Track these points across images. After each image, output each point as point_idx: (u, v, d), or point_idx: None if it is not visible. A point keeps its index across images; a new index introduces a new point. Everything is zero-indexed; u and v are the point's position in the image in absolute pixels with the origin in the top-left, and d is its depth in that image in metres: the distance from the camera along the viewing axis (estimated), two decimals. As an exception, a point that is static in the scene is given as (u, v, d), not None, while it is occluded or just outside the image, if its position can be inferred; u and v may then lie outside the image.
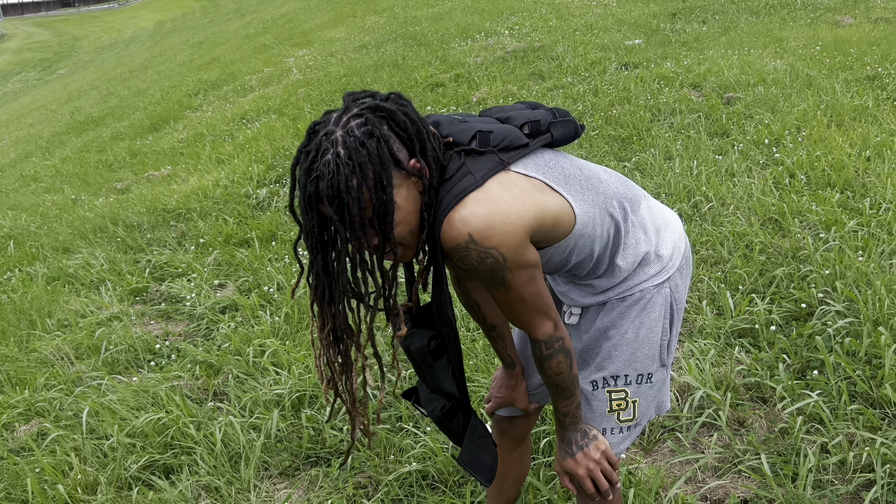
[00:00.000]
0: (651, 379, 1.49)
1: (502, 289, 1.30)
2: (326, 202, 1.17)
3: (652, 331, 1.46)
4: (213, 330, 3.41)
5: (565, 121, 1.38)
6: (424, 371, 1.45)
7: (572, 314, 1.55)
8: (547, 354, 1.37)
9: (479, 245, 1.23)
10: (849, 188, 3.69)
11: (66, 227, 5.28)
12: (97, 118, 11.21)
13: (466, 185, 1.25)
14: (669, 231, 1.51)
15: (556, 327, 1.37)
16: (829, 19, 7.85)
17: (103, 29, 39.57)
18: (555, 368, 1.38)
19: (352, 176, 1.17)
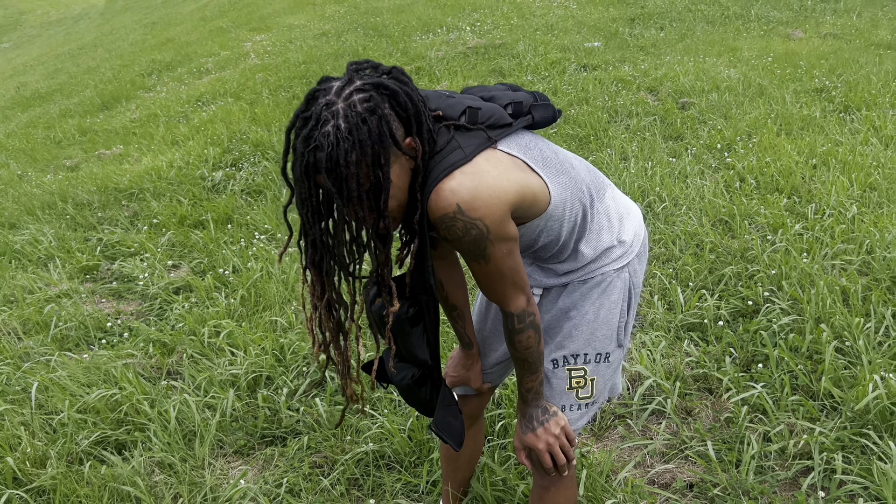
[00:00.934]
0: (609, 359, 1.55)
1: (482, 261, 1.33)
2: (325, 174, 1.18)
3: (611, 312, 1.52)
4: (167, 310, 3.36)
5: (545, 105, 1.43)
6: (399, 339, 1.46)
7: (534, 294, 1.59)
8: (518, 328, 1.41)
9: (465, 216, 1.26)
10: (795, 193, 3.83)
11: (12, 202, 5.13)
12: (44, 94, 10.87)
13: (456, 159, 1.28)
14: (630, 219, 1.58)
15: (528, 302, 1.41)
16: (781, 32, 8.09)
17: (50, 4, 38.27)
18: (524, 343, 1.42)
19: (351, 151, 1.18)
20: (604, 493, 2.01)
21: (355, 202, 1.21)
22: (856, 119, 4.95)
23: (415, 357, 1.49)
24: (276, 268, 3.53)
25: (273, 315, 3.12)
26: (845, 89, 5.57)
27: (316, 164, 1.19)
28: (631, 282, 1.55)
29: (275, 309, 3.19)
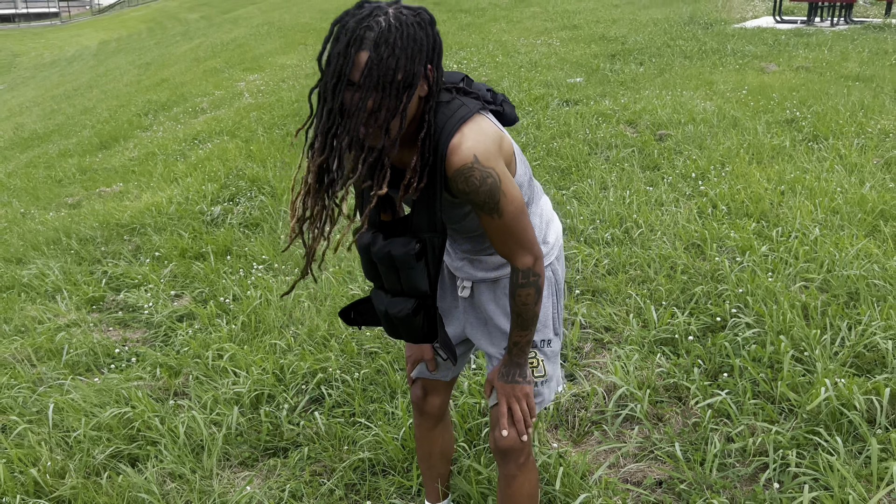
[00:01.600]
0: (551, 344, 1.78)
1: (495, 215, 1.49)
2: (371, 50, 1.31)
3: (544, 305, 1.75)
4: (172, 336, 3.55)
5: (511, 105, 1.67)
6: (401, 273, 1.58)
7: (464, 287, 1.80)
8: (521, 283, 1.58)
9: (482, 165, 1.42)
10: (764, 218, 4.07)
11: (18, 238, 5.33)
12: (42, 135, 11.12)
13: (463, 115, 1.46)
14: (554, 224, 1.82)
15: (535, 262, 1.58)
16: (755, 66, 8.43)
17: (44, 46, 38.80)
18: (523, 298, 1.59)
19: (398, 39, 1.32)
20: (580, 490, 2.20)
21: (385, 86, 1.33)
22: (823, 148, 5.22)
23: (415, 289, 1.60)
24: (274, 295, 3.73)
25: (273, 338, 3.31)
26: (814, 120, 5.86)
27: (363, 39, 1.32)
28: (555, 278, 1.78)
29: (274, 333, 3.38)
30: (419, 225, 1.55)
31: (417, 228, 1.55)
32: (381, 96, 1.34)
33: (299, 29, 17.48)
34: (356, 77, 1.34)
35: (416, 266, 1.57)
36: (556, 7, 14.71)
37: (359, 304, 1.79)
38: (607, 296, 3.45)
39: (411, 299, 1.62)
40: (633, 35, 10.75)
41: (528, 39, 11.42)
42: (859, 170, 4.65)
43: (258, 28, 20.08)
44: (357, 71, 1.33)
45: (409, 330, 1.67)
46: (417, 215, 1.54)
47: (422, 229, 1.55)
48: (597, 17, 12.86)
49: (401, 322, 1.65)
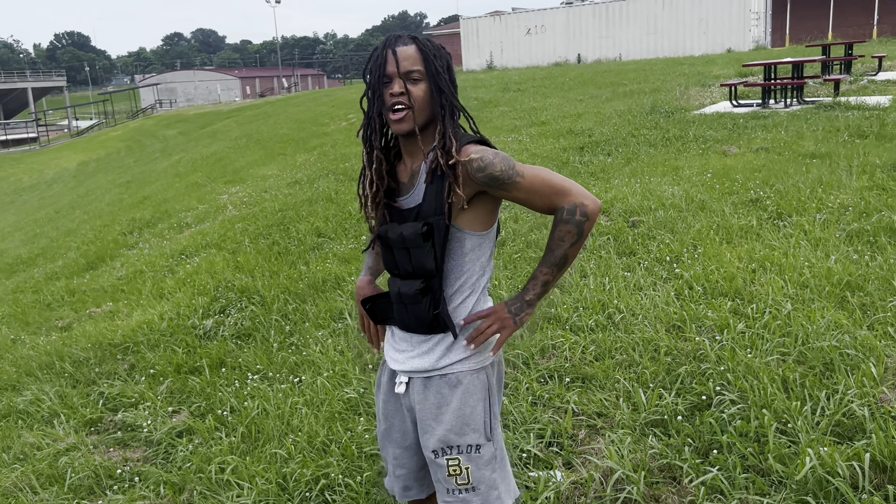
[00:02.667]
0: (479, 450, 1.84)
1: (519, 177, 1.75)
2: (419, 45, 1.75)
3: (473, 406, 1.85)
4: (172, 453, 3.59)
5: None
6: (411, 253, 1.81)
7: (401, 383, 1.93)
8: (565, 219, 1.76)
9: (488, 151, 1.76)
10: (738, 296, 4.26)
11: (10, 365, 5.37)
12: (27, 259, 11.23)
13: (471, 137, 1.82)
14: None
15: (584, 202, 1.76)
16: (717, 149, 8.84)
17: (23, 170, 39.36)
18: (563, 234, 1.77)
19: (439, 47, 1.80)
20: (586, 577, 2.26)
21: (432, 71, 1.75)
22: (788, 224, 5.48)
23: (423, 267, 1.81)
24: (270, 404, 3.80)
25: (273, 447, 3.37)
26: (777, 198, 6.15)
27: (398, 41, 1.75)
28: (489, 382, 1.89)
29: (274, 442, 3.44)
30: (427, 211, 1.79)
31: (426, 214, 1.79)
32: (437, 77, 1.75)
33: (278, 140, 18.01)
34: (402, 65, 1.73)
35: (423, 245, 1.79)
36: (522, 105, 15.35)
37: (378, 297, 1.98)
38: (597, 381, 3.56)
39: (419, 279, 1.82)
40: (598, 127, 11.23)
41: (498, 137, 11.88)
42: (823, 244, 4.89)
43: (237, 141, 20.65)
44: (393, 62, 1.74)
45: (416, 312, 1.85)
46: (427, 204, 1.79)
47: (429, 214, 1.79)
48: (563, 113, 13.43)
49: (410, 300, 1.84)
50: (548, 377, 3.69)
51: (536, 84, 19.06)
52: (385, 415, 2.01)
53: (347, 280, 5.76)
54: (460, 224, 1.81)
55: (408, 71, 1.74)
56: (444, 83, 1.77)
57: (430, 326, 1.85)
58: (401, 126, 1.76)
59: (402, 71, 1.73)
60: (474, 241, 1.84)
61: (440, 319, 1.84)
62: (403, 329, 1.92)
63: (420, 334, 1.88)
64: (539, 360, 3.88)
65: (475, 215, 1.81)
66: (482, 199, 1.80)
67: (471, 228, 1.82)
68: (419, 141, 1.78)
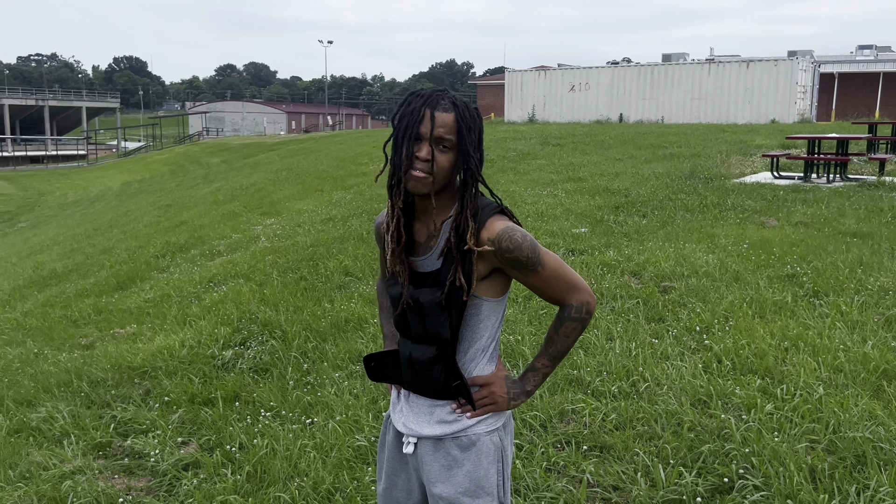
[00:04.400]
0: None
1: (540, 267, 1.73)
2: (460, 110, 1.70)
3: (487, 470, 1.79)
4: (176, 486, 3.53)
5: None
6: (426, 320, 1.77)
7: (409, 443, 1.86)
8: (574, 317, 1.78)
9: (519, 228, 1.72)
10: (768, 375, 4.11)
11: (29, 380, 5.38)
12: (61, 274, 11.40)
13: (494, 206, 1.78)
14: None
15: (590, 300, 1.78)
16: (755, 220, 8.71)
17: (69, 186, 40.41)
18: (568, 330, 1.78)
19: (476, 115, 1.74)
20: None
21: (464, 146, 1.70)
22: (824, 304, 5.33)
23: (438, 335, 1.77)
24: (280, 444, 3.74)
25: (277, 491, 3.30)
26: (815, 275, 6.01)
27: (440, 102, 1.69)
28: (502, 444, 1.83)
29: (279, 485, 3.37)
30: (445, 279, 1.75)
31: (443, 281, 1.75)
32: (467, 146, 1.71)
33: (316, 175, 18.23)
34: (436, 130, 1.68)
35: (441, 314, 1.75)
36: (561, 160, 15.37)
37: (382, 356, 1.93)
38: (615, 452, 3.44)
39: (433, 346, 1.78)
40: (635, 188, 11.17)
41: (534, 190, 11.88)
42: (861, 327, 4.73)
43: (277, 174, 20.96)
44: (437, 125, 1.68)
45: (427, 378, 1.81)
46: (445, 270, 1.75)
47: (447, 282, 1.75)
48: (600, 171, 13.41)
49: (422, 367, 1.80)
50: (564, 443, 3.57)
51: (576, 140, 19.11)
52: (388, 473, 1.95)
53: (370, 321, 5.72)
54: (477, 291, 1.77)
55: (440, 137, 1.69)
56: (472, 161, 1.72)
57: (440, 393, 1.81)
58: (417, 186, 1.71)
59: (434, 136, 1.69)
60: (490, 307, 1.81)
61: (459, 390, 1.80)
62: (410, 390, 1.87)
63: (430, 398, 1.84)
64: (557, 423, 3.77)
65: (492, 283, 1.79)
66: (499, 272, 1.79)
67: (487, 295, 1.79)
68: (433, 204, 1.75)
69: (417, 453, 1.86)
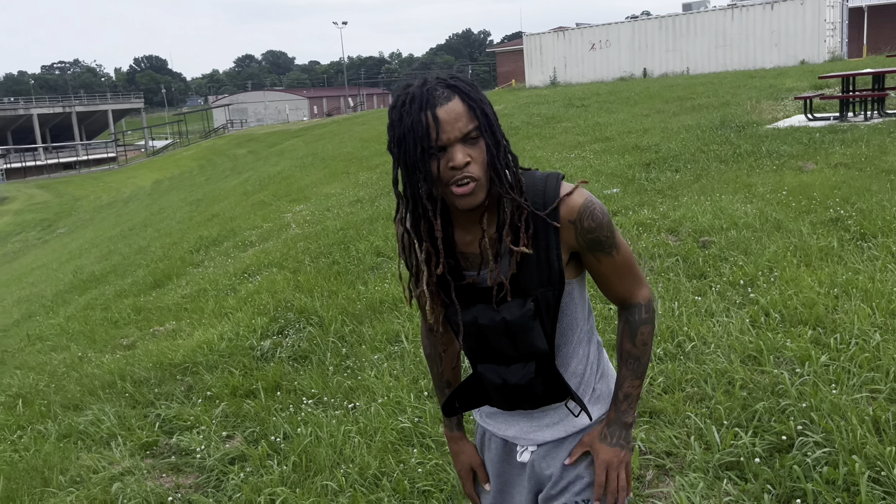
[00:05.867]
0: None
1: (614, 250, 1.52)
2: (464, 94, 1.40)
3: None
4: (223, 481, 3.52)
5: None
6: (517, 338, 1.53)
7: (527, 450, 1.67)
8: (645, 318, 1.57)
9: (596, 203, 1.49)
10: (820, 325, 3.96)
11: (75, 384, 5.44)
12: (100, 276, 11.55)
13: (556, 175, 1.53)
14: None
15: (652, 294, 1.59)
16: (792, 165, 8.43)
17: (102, 189, 41.00)
18: (644, 337, 1.57)
19: (478, 88, 1.44)
20: None
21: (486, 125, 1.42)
22: (873, 246, 5.12)
23: (534, 350, 1.54)
24: (323, 431, 3.70)
25: (324, 479, 3.26)
26: (860, 217, 5.78)
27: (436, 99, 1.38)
28: None
29: (325, 473, 3.33)
30: (528, 283, 1.52)
31: (527, 287, 1.52)
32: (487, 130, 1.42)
33: (342, 158, 18.18)
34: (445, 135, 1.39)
35: (534, 326, 1.52)
36: (586, 121, 15.09)
37: (457, 392, 1.71)
38: (665, 417, 3.34)
39: (531, 362, 1.56)
40: (665, 143, 10.91)
41: (561, 154, 11.67)
42: (914, 267, 4.53)
43: (303, 160, 20.96)
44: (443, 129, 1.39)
45: (530, 395, 1.59)
46: (525, 275, 1.51)
47: (532, 286, 1.52)
48: (628, 128, 13.13)
49: (522, 389, 1.58)
50: (612, 410, 3.48)
51: (601, 99, 18.76)
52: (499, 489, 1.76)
53: (404, 301, 5.65)
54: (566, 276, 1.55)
55: (465, 133, 1.40)
56: (500, 133, 1.46)
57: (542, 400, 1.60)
58: (471, 200, 1.43)
59: (461, 135, 1.40)
60: (579, 288, 1.61)
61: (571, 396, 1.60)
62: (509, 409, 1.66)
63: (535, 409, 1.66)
64: (603, 391, 3.67)
65: (573, 263, 1.57)
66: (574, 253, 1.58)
67: (573, 276, 1.57)
68: (485, 208, 1.50)
69: (533, 460, 1.67)
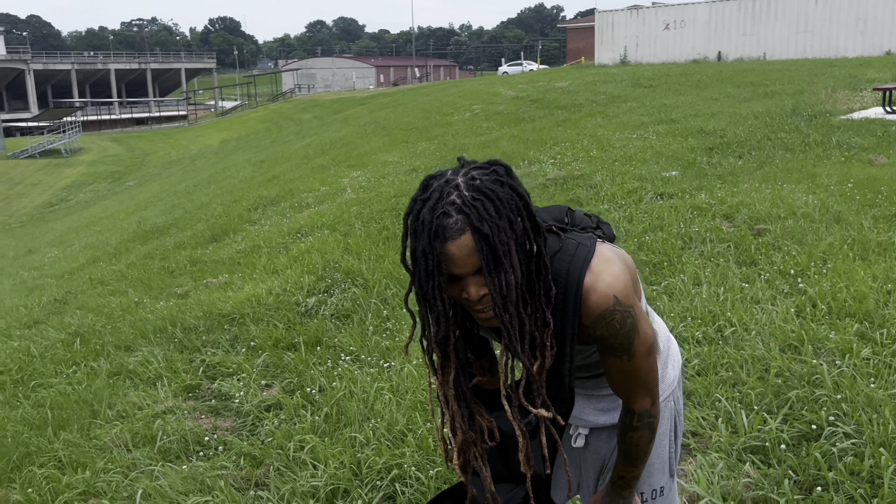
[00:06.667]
0: (663, 492, 1.63)
1: (625, 356, 1.34)
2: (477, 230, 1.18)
3: (661, 446, 1.60)
4: (258, 426, 3.65)
5: (607, 224, 1.58)
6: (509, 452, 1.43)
7: (580, 435, 1.63)
8: (635, 426, 1.44)
9: (622, 306, 1.30)
10: (867, 319, 3.85)
11: (129, 327, 5.67)
12: (162, 228, 11.93)
13: (584, 255, 1.32)
14: (673, 345, 1.65)
15: (653, 404, 1.43)
16: (862, 158, 8.13)
17: (172, 145, 42.06)
18: (634, 440, 1.46)
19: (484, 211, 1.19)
20: None
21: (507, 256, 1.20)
22: (935, 244, 4.93)
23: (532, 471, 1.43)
24: (357, 387, 3.79)
25: (352, 431, 3.35)
26: (926, 214, 5.56)
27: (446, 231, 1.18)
28: (675, 409, 1.62)
29: (354, 426, 3.42)
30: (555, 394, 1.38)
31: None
32: (499, 274, 1.22)
33: (402, 127, 18.26)
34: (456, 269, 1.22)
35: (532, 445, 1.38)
36: (653, 102, 14.78)
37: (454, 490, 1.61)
38: (696, 398, 3.32)
39: (521, 486, 1.45)
40: (732, 128, 10.62)
41: (623, 133, 11.49)
42: (976, 268, 4.35)
43: (365, 127, 21.12)
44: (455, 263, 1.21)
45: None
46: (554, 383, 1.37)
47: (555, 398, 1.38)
48: (695, 111, 12.82)
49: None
50: (643, 388, 3.47)
51: (671, 81, 18.33)
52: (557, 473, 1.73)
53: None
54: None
55: (476, 269, 1.24)
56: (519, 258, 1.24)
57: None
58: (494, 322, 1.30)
59: (473, 270, 1.24)
60: None
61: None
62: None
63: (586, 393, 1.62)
64: (636, 368, 3.66)
65: None
66: None
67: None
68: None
69: (589, 445, 1.63)
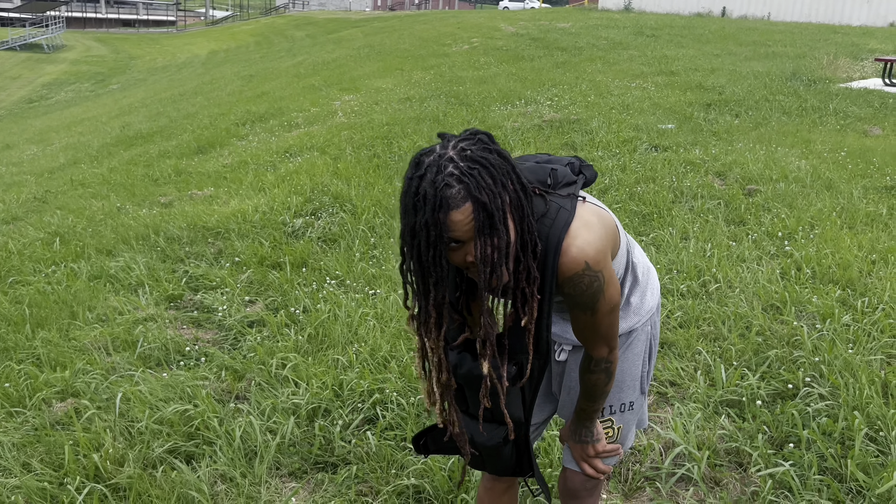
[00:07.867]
0: (632, 406, 1.71)
1: (589, 312, 1.42)
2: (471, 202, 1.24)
3: (633, 365, 1.68)
4: (241, 341, 3.65)
5: (589, 165, 1.61)
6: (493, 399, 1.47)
7: (563, 351, 1.72)
8: (593, 370, 1.53)
9: (592, 270, 1.37)
10: (850, 286, 3.90)
11: (111, 231, 5.60)
12: (146, 135, 11.69)
13: (566, 218, 1.39)
14: (652, 275, 1.73)
15: (610, 353, 1.52)
16: (857, 128, 8.13)
17: (158, 51, 40.95)
18: (592, 381, 1.55)
19: (484, 174, 1.25)
20: (625, 547, 2.14)
21: (502, 220, 1.26)
22: (923, 219, 4.97)
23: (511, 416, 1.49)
24: (342, 311, 3.80)
25: (336, 354, 3.37)
26: (916, 189, 5.60)
27: (449, 201, 1.23)
28: (651, 333, 1.70)
29: (338, 348, 3.44)
30: (515, 346, 1.45)
31: (513, 350, 1.46)
32: (491, 238, 1.27)
33: (398, 54, 17.88)
34: (459, 234, 1.26)
35: (511, 390, 1.45)
36: (654, 52, 14.58)
37: (433, 430, 1.69)
38: (677, 349, 3.36)
39: (502, 426, 1.51)
40: (731, 86, 10.54)
41: (622, 82, 11.36)
42: (960, 246, 4.41)
43: (359, 50, 20.65)
44: (458, 230, 1.26)
45: (495, 461, 1.59)
46: (514, 335, 1.44)
47: (519, 350, 1.45)
48: (695, 66, 12.67)
49: (487, 452, 1.55)
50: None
51: (673, 32, 18.05)
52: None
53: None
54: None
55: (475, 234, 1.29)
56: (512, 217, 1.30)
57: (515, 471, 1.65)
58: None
59: (469, 237, 1.28)
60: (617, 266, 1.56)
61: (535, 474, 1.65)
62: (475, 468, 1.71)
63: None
64: (619, 315, 3.69)
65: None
66: None
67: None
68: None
69: (570, 360, 1.70)
